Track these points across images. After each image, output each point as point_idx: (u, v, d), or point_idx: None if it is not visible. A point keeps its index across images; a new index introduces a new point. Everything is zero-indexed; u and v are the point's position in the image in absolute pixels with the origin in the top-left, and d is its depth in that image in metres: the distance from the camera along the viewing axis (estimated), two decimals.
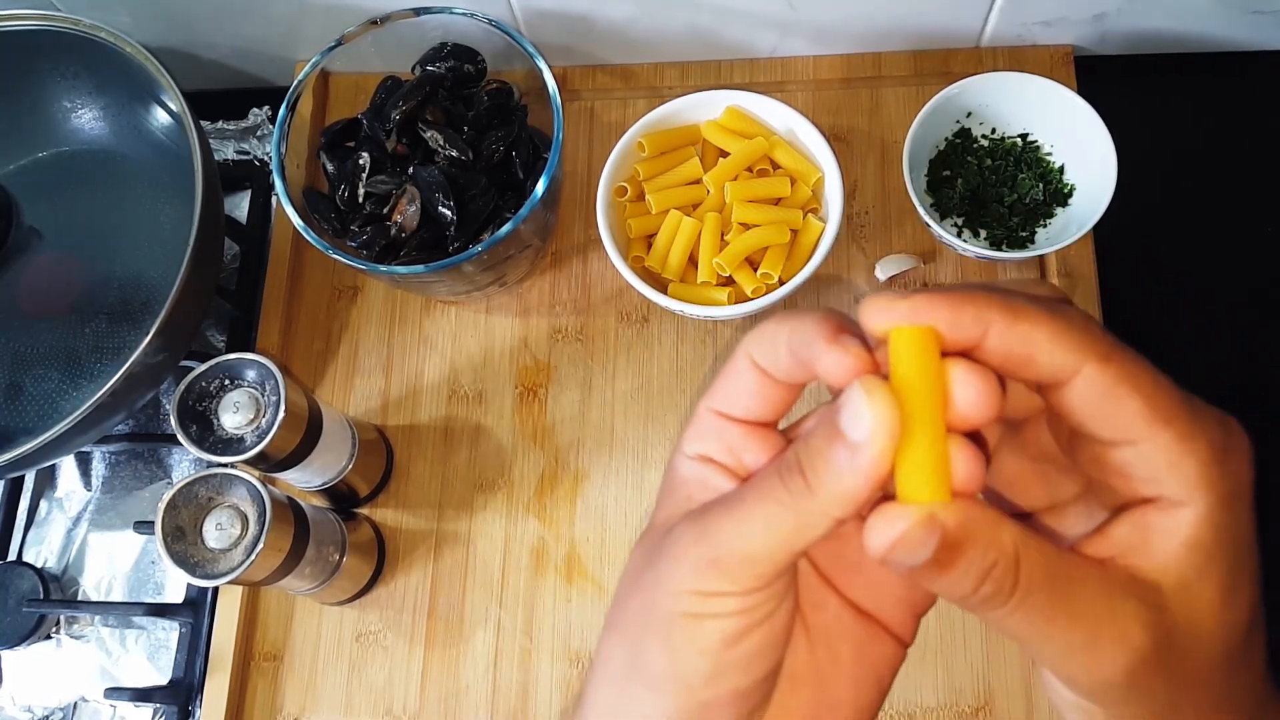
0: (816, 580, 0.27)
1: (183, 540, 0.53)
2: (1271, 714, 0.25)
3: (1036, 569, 0.22)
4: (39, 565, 0.69)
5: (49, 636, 0.68)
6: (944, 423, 0.22)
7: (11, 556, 0.70)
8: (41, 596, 0.67)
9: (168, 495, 0.53)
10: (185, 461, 0.71)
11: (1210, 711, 0.24)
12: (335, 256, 0.61)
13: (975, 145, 0.68)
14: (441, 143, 0.64)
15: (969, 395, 0.22)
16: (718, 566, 0.23)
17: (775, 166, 0.67)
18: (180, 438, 0.55)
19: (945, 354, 0.22)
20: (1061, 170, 0.67)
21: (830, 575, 0.27)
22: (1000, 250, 0.66)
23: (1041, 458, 0.27)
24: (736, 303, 0.62)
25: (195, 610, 0.66)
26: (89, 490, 0.72)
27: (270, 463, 0.56)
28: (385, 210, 0.64)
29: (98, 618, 0.68)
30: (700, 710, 0.24)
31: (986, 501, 0.23)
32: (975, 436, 0.23)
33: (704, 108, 0.67)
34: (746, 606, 0.24)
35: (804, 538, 0.23)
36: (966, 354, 0.23)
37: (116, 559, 0.69)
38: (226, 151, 0.79)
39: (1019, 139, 0.68)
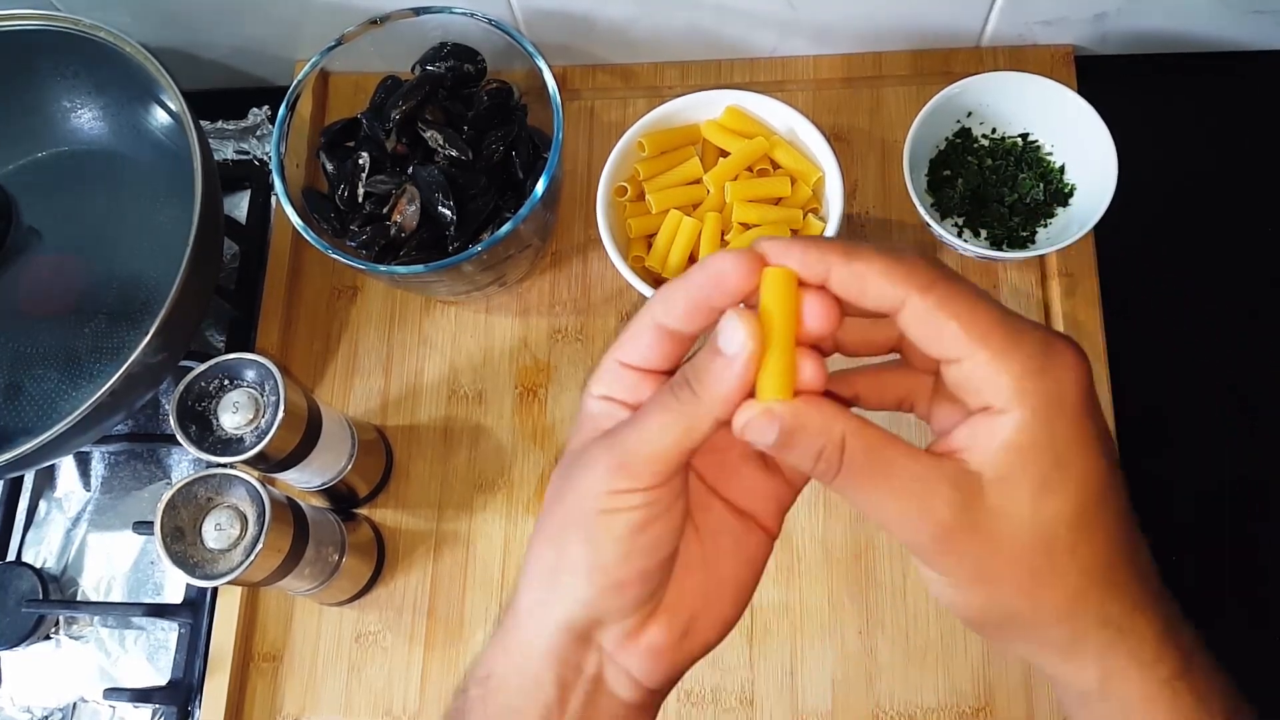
0: (703, 489, 0.34)
1: (182, 541, 0.53)
2: (1144, 615, 0.30)
3: (859, 452, 0.28)
4: (38, 565, 0.69)
5: (48, 637, 0.68)
6: (793, 340, 0.29)
7: (11, 557, 0.70)
8: (40, 597, 0.67)
9: (167, 495, 0.53)
10: (184, 462, 0.71)
11: (1032, 586, 0.29)
12: (335, 256, 0.61)
13: (976, 145, 0.68)
14: (441, 142, 0.64)
15: (811, 315, 0.29)
16: (625, 469, 0.29)
17: (775, 166, 0.66)
18: (179, 438, 0.54)
19: (804, 287, 0.29)
20: (1062, 170, 0.67)
21: (714, 484, 0.34)
22: (1001, 250, 0.66)
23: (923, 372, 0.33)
24: None
25: (194, 611, 0.66)
26: (88, 490, 0.71)
27: (269, 463, 0.56)
28: (385, 210, 0.64)
29: (97, 618, 0.68)
30: (615, 588, 0.30)
31: (832, 399, 0.29)
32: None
33: (704, 107, 0.67)
34: (649, 500, 0.30)
35: (692, 437, 0.29)
36: (821, 288, 0.29)
37: (116, 559, 0.69)
38: (226, 151, 0.79)
39: (1019, 139, 0.68)
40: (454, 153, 0.64)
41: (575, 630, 0.31)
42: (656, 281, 0.64)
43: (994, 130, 0.69)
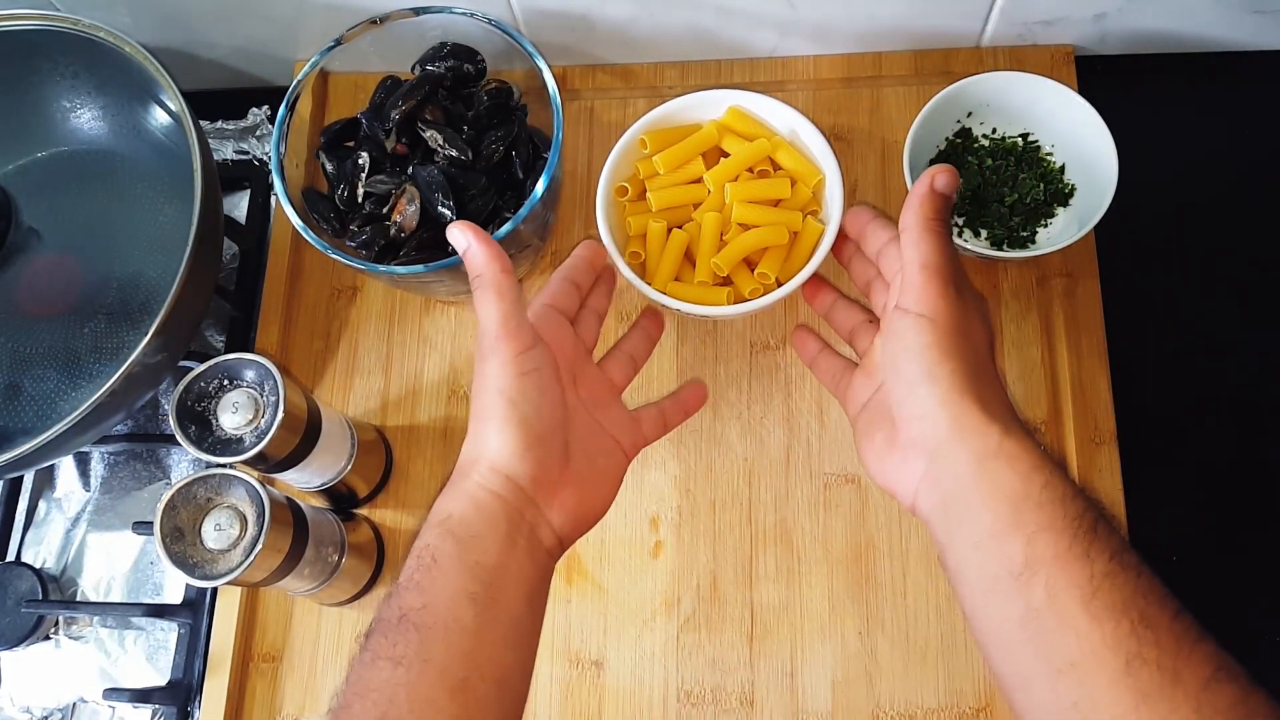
0: (587, 414, 0.48)
1: (182, 541, 0.53)
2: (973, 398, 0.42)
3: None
4: (38, 566, 0.69)
5: (48, 637, 0.68)
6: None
7: (10, 557, 0.70)
8: (40, 597, 0.67)
9: (166, 496, 0.53)
10: (184, 462, 0.71)
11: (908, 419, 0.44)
12: (334, 256, 0.61)
13: (976, 145, 0.68)
14: (441, 142, 0.64)
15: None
16: (489, 339, 0.45)
17: (776, 167, 0.66)
18: (179, 438, 0.54)
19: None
20: (1062, 170, 0.67)
21: (593, 412, 0.48)
22: (1001, 250, 0.66)
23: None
24: (735, 303, 0.62)
25: (194, 611, 0.66)
26: (88, 491, 0.71)
27: (269, 463, 0.56)
28: (384, 210, 0.64)
29: (96, 618, 0.68)
30: (535, 441, 0.44)
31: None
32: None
33: (705, 107, 0.67)
34: (521, 354, 0.44)
35: (498, 300, 0.44)
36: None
37: (115, 559, 0.69)
38: (226, 151, 0.79)
39: (1020, 139, 0.68)
40: (454, 153, 0.64)
41: (513, 480, 0.42)
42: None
43: (994, 130, 0.69)
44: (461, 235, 0.45)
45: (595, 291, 0.54)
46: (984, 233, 0.67)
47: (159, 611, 0.66)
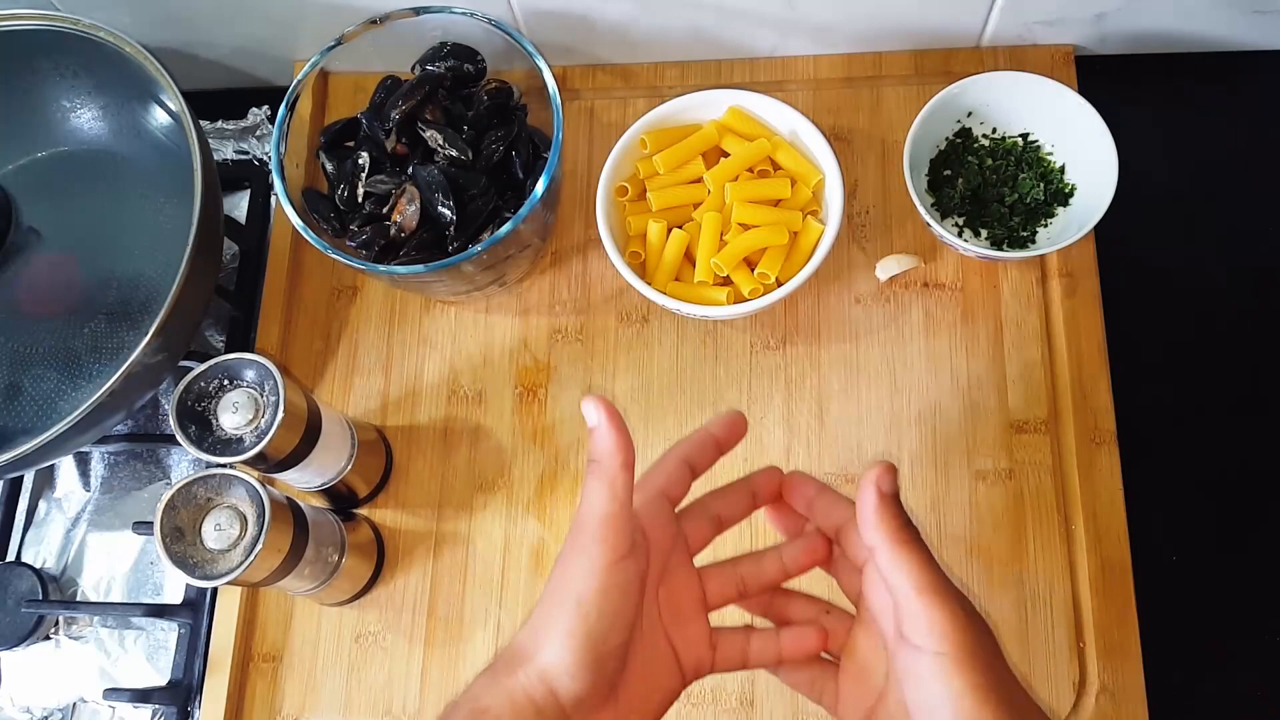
0: (659, 622, 0.42)
1: (182, 541, 0.53)
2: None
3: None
4: (38, 566, 0.69)
5: (48, 637, 0.68)
6: None
7: (10, 557, 0.70)
8: (40, 597, 0.67)
9: (166, 496, 0.53)
10: (184, 462, 0.71)
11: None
12: (334, 256, 0.61)
13: (976, 145, 0.68)
14: (441, 142, 0.64)
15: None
16: (583, 533, 0.39)
17: (776, 167, 0.66)
18: (179, 438, 0.54)
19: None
20: (1062, 170, 0.67)
21: (667, 623, 0.42)
22: (1001, 250, 0.66)
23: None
24: (735, 303, 0.62)
25: (194, 611, 0.66)
26: (88, 491, 0.71)
27: (269, 463, 0.56)
28: (384, 210, 0.64)
29: (96, 618, 0.68)
30: (592, 661, 0.38)
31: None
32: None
33: (705, 107, 0.67)
34: (609, 566, 0.39)
35: (610, 494, 0.39)
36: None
37: (115, 559, 0.69)
38: (225, 151, 0.79)
39: (1020, 139, 0.68)
40: (454, 153, 0.64)
41: (556, 696, 0.38)
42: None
43: (994, 130, 0.69)
44: (594, 412, 0.39)
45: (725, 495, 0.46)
46: (984, 233, 0.67)
47: (159, 611, 0.66)
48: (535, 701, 0.38)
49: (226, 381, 0.56)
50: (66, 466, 0.72)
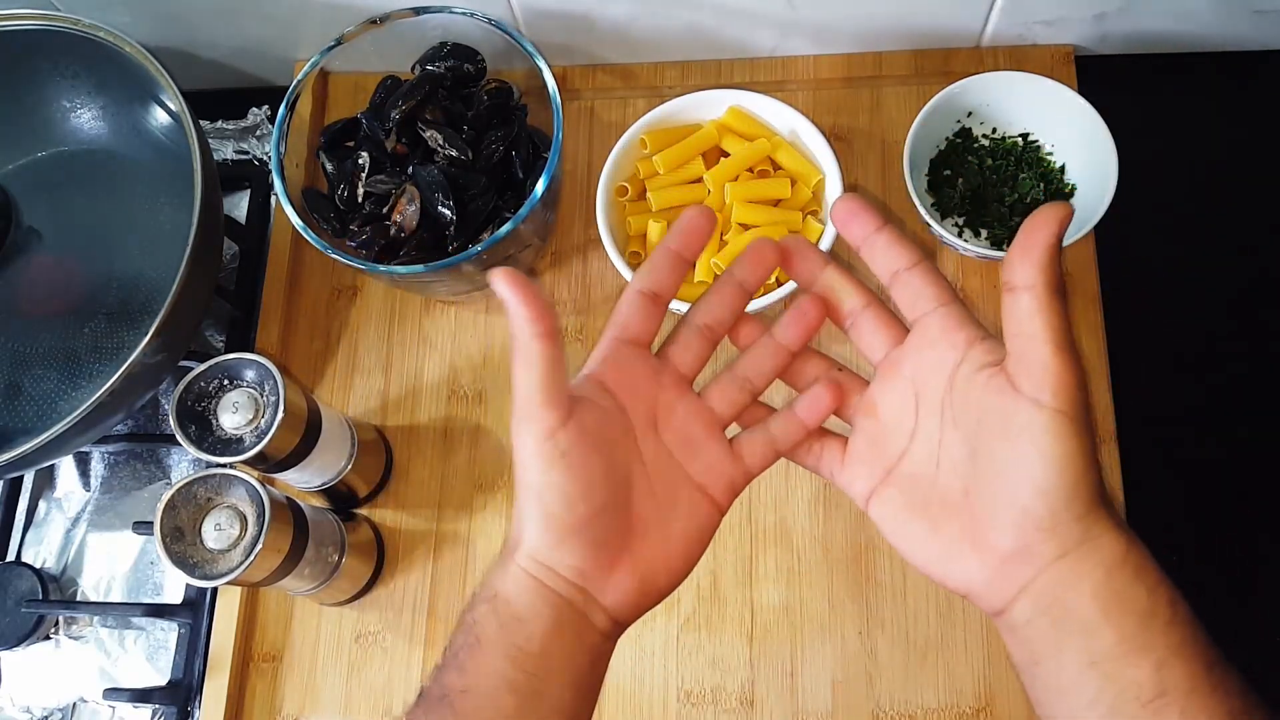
0: (668, 460, 0.40)
1: (182, 541, 0.53)
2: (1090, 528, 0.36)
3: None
4: (38, 566, 0.69)
5: (48, 637, 0.68)
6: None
7: (10, 557, 0.70)
8: (40, 597, 0.67)
9: (166, 496, 0.53)
10: (184, 462, 0.71)
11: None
12: (334, 256, 0.61)
13: (976, 145, 0.68)
14: (441, 142, 0.64)
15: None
16: (522, 415, 0.38)
17: (776, 167, 0.66)
18: (179, 438, 0.54)
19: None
20: (1062, 170, 0.67)
21: (681, 458, 0.41)
22: (1001, 250, 0.66)
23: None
24: None
25: (194, 611, 0.66)
26: (88, 491, 0.71)
27: (269, 463, 0.56)
28: (385, 210, 0.64)
29: (96, 618, 0.68)
30: (569, 533, 0.37)
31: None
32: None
33: (705, 107, 0.67)
34: (551, 434, 0.37)
35: (537, 365, 0.37)
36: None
37: (115, 559, 0.69)
38: (225, 151, 0.79)
39: (1020, 139, 0.68)
40: (454, 153, 0.64)
41: (553, 569, 0.38)
42: None
43: (994, 130, 0.69)
44: (502, 286, 0.38)
45: (710, 300, 0.42)
46: (984, 233, 0.67)
47: (159, 611, 0.66)
48: (536, 577, 0.38)
49: (226, 381, 0.56)
50: (66, 466, 0.72)
